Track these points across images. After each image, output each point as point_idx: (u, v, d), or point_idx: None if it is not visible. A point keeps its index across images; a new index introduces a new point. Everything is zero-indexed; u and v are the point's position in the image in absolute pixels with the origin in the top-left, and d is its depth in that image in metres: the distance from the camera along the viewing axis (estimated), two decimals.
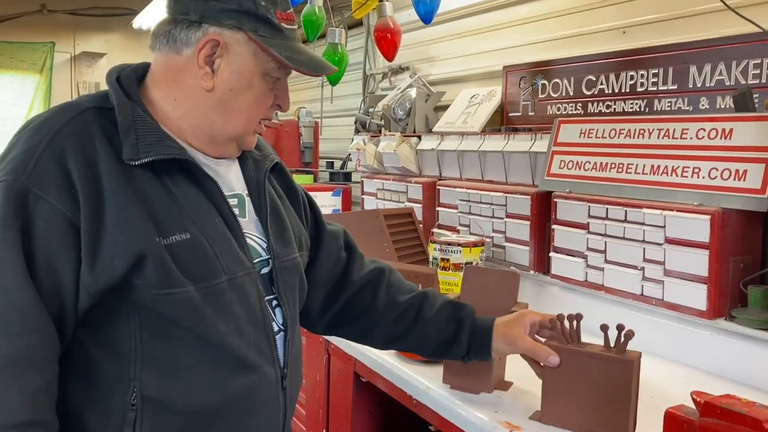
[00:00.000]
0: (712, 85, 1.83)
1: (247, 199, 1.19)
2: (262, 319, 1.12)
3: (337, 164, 3.91)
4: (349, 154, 3.55)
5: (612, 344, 1.26)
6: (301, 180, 3.54)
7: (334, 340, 1.96)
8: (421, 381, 1.55)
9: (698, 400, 1.04)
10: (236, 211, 1.14)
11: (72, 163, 0.98)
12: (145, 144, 1.03)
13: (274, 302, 1.17)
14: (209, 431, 1.07)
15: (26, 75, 5.61)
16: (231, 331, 1.06)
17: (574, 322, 1.30)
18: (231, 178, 1.18)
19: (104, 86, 1.13)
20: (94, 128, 1.03)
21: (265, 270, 1.17)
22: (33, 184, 0.96)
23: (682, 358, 1.72)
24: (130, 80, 1.12)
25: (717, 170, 1.66)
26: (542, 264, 2.18)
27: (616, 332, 1.25)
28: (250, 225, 1.17)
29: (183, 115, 1.11)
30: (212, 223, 1.08)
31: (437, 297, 1.41)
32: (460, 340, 1.35)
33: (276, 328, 1.16)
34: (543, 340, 1.33)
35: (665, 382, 1.57)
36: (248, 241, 1.14)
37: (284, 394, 1.16)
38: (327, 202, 3.43)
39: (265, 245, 1.17)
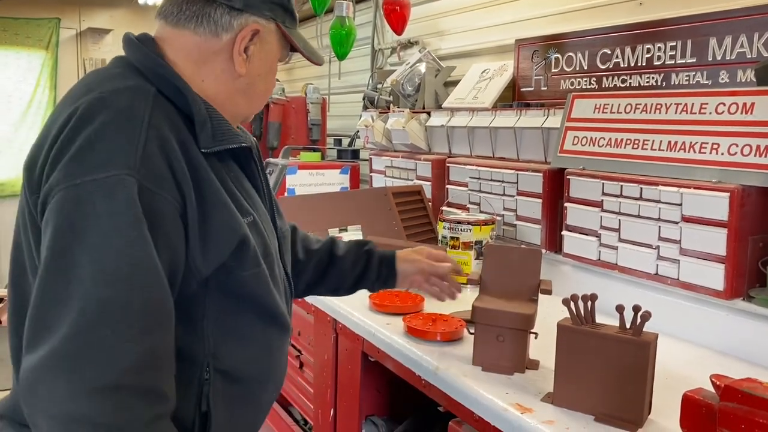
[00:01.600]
0: (733, 57, 1.77)
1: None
2: (287, 284, 1.25)
3: (345, 141, 3.87)
4: (357, 131, 3.50)
5: (627, 325, 1.23)
6: (308, 158, 3.50)
7: (343, 319, 1.94)
8: (430, 361, 1.52)
9: (718, 383, 1.00)
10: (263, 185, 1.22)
11: (172, 153, 0.98)
12: (220, 133, 1.07)
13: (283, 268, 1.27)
14: (263, 389, 1.16)
15: (32, 51, 5.56)
16: (280, 298, 1.16)
17: (589, 303, 1.27)
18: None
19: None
20: (171, 114, 1.03)
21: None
22: (145, 179, 0.94)
23: (698, 338, 1.68)
24: (153, 53, 1.09)
25: (737, 146, 1.60)
26: (554, 243, 2.14)
27: (632, 313, 1.21)
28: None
29: (210, 96, 1.10)
30: (259, 204, 1.17)
31: (341, 241, 1.55)
32: (371, 267, 1.50)
33: (291, 290, 1.29)
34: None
35: (680, 363, 1.54)
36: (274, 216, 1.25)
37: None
38: (335, 180, 3.39)
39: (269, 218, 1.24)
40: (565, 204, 2.05)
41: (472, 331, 1.49)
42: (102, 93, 0.99)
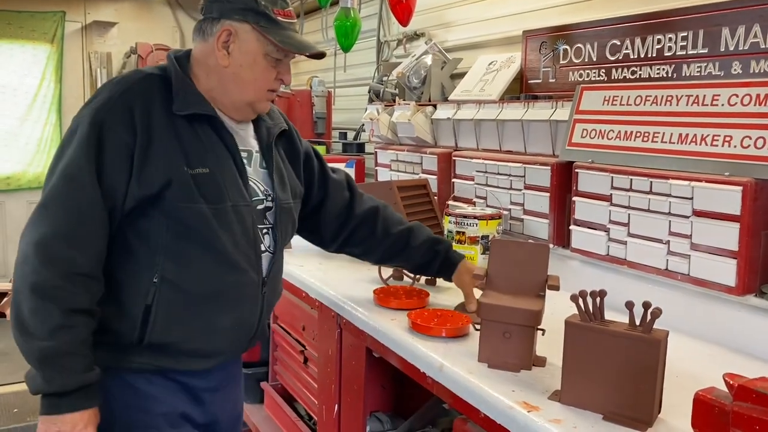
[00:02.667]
0: (746, 48, 1.72)
1: (257, 155, 1.60)
2: (253, 239, 1.52)
3: (351, 135, 3.84)
4: (363, 125, 3.47)
5: (637, 322, 1.20)
6: None
7: (347, 315, 1.91)
8: (435, 358, 1.50)
9: (731, 383, 0.97)
10: (245, 161, 1.55)
11: (136, 108, 1.41)
12: (188, 102, 1.46)
13: (264, 230, 1.57)
14: (205, 309, 1.47)
15: (37, 45, 5.54)
16: (230, 241, 1.47)
17: (598, 299, 1.23)
18: (247, 137, 1.60)
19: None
20: (155, 87, 1.46)
21: (260, 206, 1.57)
22: (107, 119, 1.39)
23: (709, 335, 1.65)
24: (183, 61, 1.54)
25: (750, 138, 1.57)
26: (562, 237, 2.11)
27: (642, 310, 1.18)
28: (254, 173, 1.58)
29: (213, 87, 1.51)
30: (227, 165, 1.49)
31: (422, 231, 1.86)
32: (433, 265, 1.84)
33: (263, 249, 1.56)
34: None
35: (690, 361, 1.51)
36: (250, 183, 1.54)
37: (263, 297, 1.56)
38: None
39: (263, 189, 1.58)
40: (573, 198, 2.01)
41: (478, 327, 1.46)
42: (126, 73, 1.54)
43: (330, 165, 1.90)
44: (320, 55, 1.58)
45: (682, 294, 1.72)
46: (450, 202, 2.48)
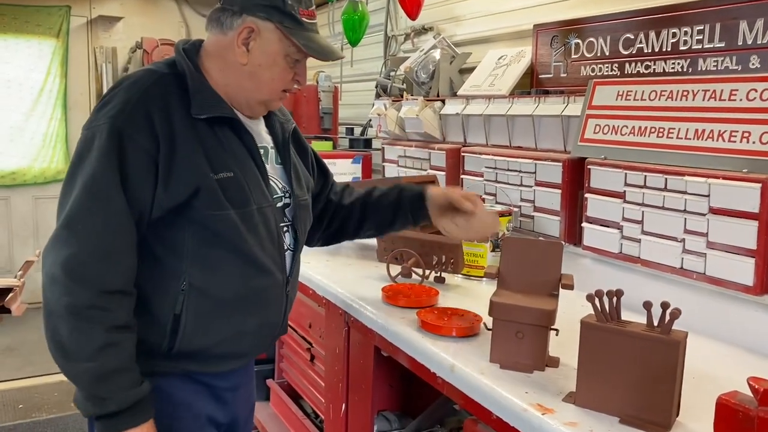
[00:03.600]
0: (765, 41, 1.68)
1: (272, 151, 1.57)
2: (277, 239, 1.50)
3: (357, 130, 3.80)
4: (370, 120, 3.43)
5: (655, 323, 1.16)
6: (319, 147, 3.44)
7: (354, 312, 1.88)
8: (446, 357, 1.47)
9: (756, 387, 0.94)
10: (263, 159, 1.51)
11: (155, 114, 1.34)
12: (208, 105, 1.40)
13: (284, 228, 1.55)
14: (234, 313, 1.44)
15: (42, 39, 5.51)
16: (257, 244, 1.43)
17: (614, 299, 1.20)
18: (261, 133, 1.55)
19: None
20: (171, 89, 1.39)
21: (279, 204, 1.53)
22: (127, 127, 1.32)
23: (726, 336, 1.61)
24: (192, 53, 1.46)
25: None
26: (573, 235, 2.07)
27: (660, 310, 1.15)
28: (272, 170, 1.54)
29: (227, 83, 1.45)
30: (249, 166, 1.45)
31: (379, 188, 1.84)
32: (403, 201, 1.77)
33: (285, 247, 1.53)
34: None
35: (707, 362, 1.47)
36: (270, 181, 1.51)
37: (287, 296, 1.54)
38: (347, 170, 3.33)
39: (281, 186, 1.55)
40: (586, 195, 1.98)
41: (490, 326, 1.43)
42: (135, 71, 1.44)
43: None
44: (340, 58, 1.55)
45: (698, 293, 1.68)
46: None
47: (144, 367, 1.36)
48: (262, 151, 1.51)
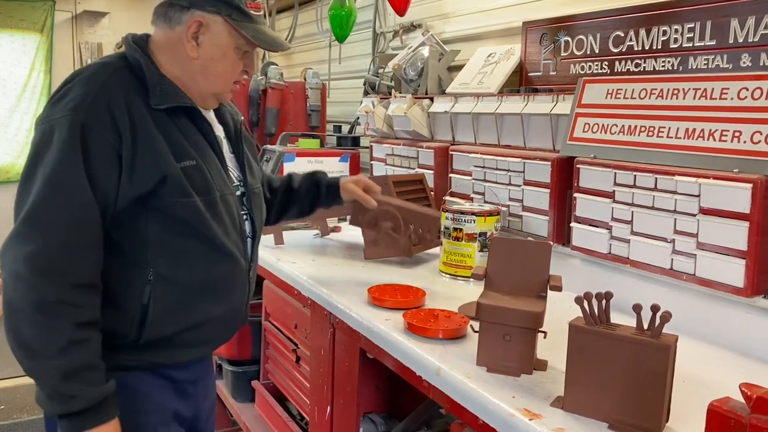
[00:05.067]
0: (756, 40, 1.66)
1: (225, 141, 1.61)
2: (239, 226, 1.54)
3: (345, 128, 3.76)
4: (358, 118, 3.40)
5: (645, 326, 1.14)
6: (307, 144, 3.40)
7: (340, 314, 1.85)
8: (432, 360, 1.43)
9: (749, 393, 0.91)
10: (221, 146, 1.55)
11: (115, 106, 1.35)
12: (167, 95, 1.42)
13: (244, 216, 1.59)
14: (201, 300, 1.47)
15: (26, 35, 5.43)
16: (222, 231, 1.47)
17: (604, 301, 1.17)
18: (215, 123, 1.59)
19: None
20: (127, 82, 1.40)
21: (238, 193, 1.58)
22: (88, 119, 1.32)
23: (715, 338, 1.59)
24: (143, 44, 1.48)
25: (761, 134, 1.51)
26: (562, 235, 2.04)
27: (650, 313, 1.12)
28: (227, 159, 1.58)
29: (178, 76, 1.47)
30: (209, 154, 1.49)
31: (297, 176, 2.04)
32: (320, 192, 1.99)
33: (247, 234, 1.58)
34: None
35: (697, 364, 1.45)
36: (228, 170, 1.55)
37: (249, 282, 1.60)
38: (334, 168, 3.29)
39: (236, 175, 1.59)
40: (575, 194, 1.95)
41: (477, 329, 1.39)
42: (88, 65, 1.45)
43: None
44: (287, 49, 1.62)
45: (688, 295, 1.66)
46: (447, 198, 2.42)
47: (108, 361, 1.35)
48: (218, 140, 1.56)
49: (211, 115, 1.59)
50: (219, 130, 1.60)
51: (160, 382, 1.49)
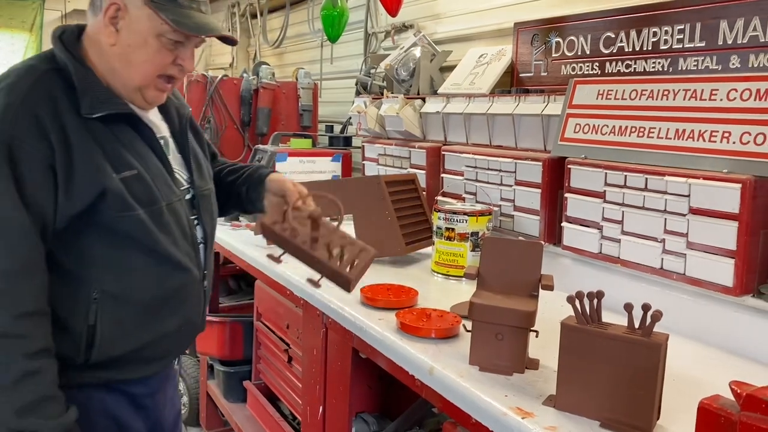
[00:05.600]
0: (745, 41, 1.68)
1: (171, 140, 1.49)
2: (190, 234, 1.44)
3: (337, 128, 3.76)
4: (350, 118, 3.40)
5: (636, 325, 1.15)
6: (299, 144, 3.40)
7: (332, 313, 1.85)
8: (425, 360, 1.44)
9: (739, 391, 0.92)
10: (164, 150, 1.44)
11: (43, 117, 1.23)
12: (99, 102, 1.29)
13: (195, 221, 1.49)
14: (154, 316, 1.39)
15: (16, 33, 5.41)
16: (169, 242, 1.37)
17: (595, 301, 1.18)
18: (158, 124, 1.46)
19: None
20: (55, 87, 1.27)
21: (187, 196, 1.48)
22: (14, 135, 1.21)
23: (705, 337, 1.60)
24: (72, 42, 1.34)
25: (750, 135, 1.52)
26: (553, 234, 2.06)
27: (641, 312, 1.13)
28: (174, 161, 1.46)
29: (106, 70, 1.35)
30: (151, 161, 1.37)
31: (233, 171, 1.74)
32: (245, 186, 1.67)
33: (198, 241, 1.48)
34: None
35: (687, 363, 1.46)
36: (175, 174, 1.45)
37: (204, 291, 1.52)
38: (326, 168, 3.29)
39: (186, 177, 1.48)
40: (566, 194, 1.96)
41: (469, 328, 1.40)
42: (10, 69, 1.31)
43: None
44: (230, 41, 1.44)
45: (678, 294, 1.68)
46: (439, 198, 2.43)
47: (59, 380, 1.26)
48: (162, 143, 1.43)
49: (152, 115, 1.46)
50: (164, 130, 1.48)
51: (114, 397, 1.41)
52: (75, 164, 1.24)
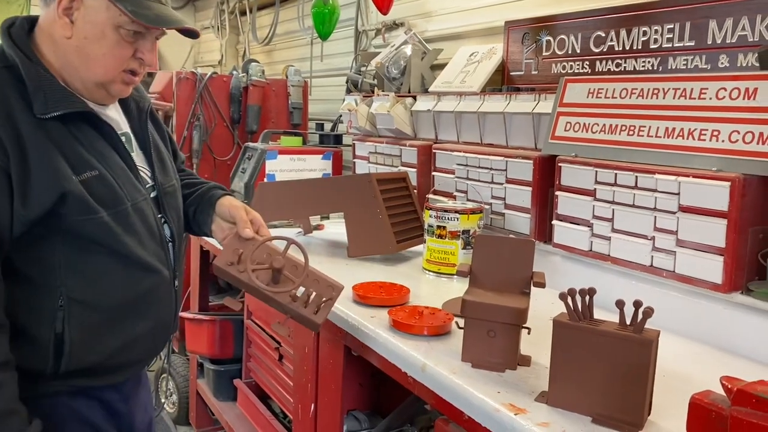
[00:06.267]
0: (734, 41, 1.70)
1: (132, 136, 1.43)
2: (158, 233, 1.39)
3: (328, 126, 3.76)
4: (340, 116, 3.40)
5: (628, 322, 1.16)
6: (289, 142, 3.39)
7: None
8: (417, 357, 1.44)
9: (729, 386, 0.93)
10: (127, 147, 1.37)
11: None
12: (53, 101, 1.22)
13: (162, 220, 1.43)
14: (124, 321, 1.33)
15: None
16: (136, 243, 1.32)
17: (587, 297, 1.19)
18: (118, 119, 1.40)
19: None
20: (6, 86, 1.21)
21: (153, 194, 1.42)
22: None
23: (695, 334, 1.62)
24: (23, 36, 1.27)
25: (738, 133, 1.54)
26: (544, 232, 2.07)
27: (632, 309, 1.14)
28: (138, 158, 1.41)
29: (62, 65, 1.27)
30: (113, 160, 1.31)
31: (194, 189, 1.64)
32: (195, 206, 1.59)
33: (167, 240, 1.43)
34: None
35: (677, 360, 1.48)
36: (140, 172, 1.39)
37: (175, 291, 1.45)
38: (317, 166, 3.29)
39: (149, 174, 1.42)
40: (556, 192, 1.97)
41: (461, 325, 1.41)
42: None
43: None
44: (191, 33, 1.36)
45: (667, 291, 1.69)
46: (430, 196, 2.43)
47: (29, 392, 1.23)
48: (123, 139, 1.37)
49: (111, 111, 1.40)
50: (124, 125, 1.42)
51: (87, 403, 1.36)
52: (31, 167, 1.18)
